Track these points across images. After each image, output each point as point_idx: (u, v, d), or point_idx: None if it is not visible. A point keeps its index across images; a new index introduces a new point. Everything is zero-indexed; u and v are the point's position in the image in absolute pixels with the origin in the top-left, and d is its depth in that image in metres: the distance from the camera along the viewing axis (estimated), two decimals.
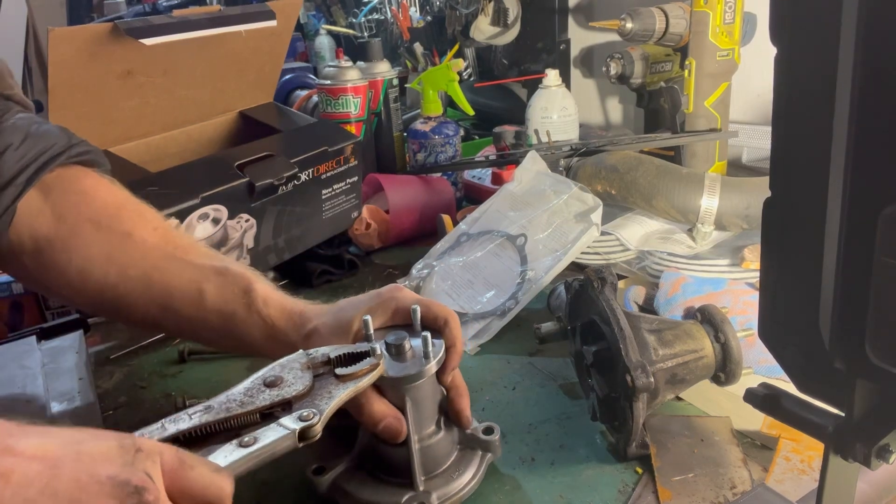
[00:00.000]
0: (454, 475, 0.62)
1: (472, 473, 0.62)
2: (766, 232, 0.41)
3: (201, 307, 0.65)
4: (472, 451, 0.64)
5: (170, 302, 0.66)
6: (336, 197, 1.09)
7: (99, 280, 0.66)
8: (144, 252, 0.66)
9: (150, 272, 0.66)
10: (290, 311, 0.65)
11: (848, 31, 0.32)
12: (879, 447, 0.38)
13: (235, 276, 0.66)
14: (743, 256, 0.88)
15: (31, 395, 0.68)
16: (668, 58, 1.31)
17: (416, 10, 1.91)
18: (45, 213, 0.65)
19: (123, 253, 0.66)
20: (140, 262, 0.66)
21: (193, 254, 0.68)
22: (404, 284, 0.99)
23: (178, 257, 0.67)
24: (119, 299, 0.66)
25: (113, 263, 0.66)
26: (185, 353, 0.88)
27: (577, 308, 0.72)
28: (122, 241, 0.66)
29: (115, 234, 0.66)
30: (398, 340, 0.59)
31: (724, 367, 0.66)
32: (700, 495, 0.60)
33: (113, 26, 0.89)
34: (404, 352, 0.59)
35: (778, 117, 0.38)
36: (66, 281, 0.66)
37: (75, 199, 0.67)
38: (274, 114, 1.20)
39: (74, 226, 0.66)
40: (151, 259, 0.66)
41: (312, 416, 0.48)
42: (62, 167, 0.67)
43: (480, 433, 0.64)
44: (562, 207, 0.96)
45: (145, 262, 0.66)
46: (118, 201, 0.69)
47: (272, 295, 0.66)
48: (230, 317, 0.65)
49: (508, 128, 1.36)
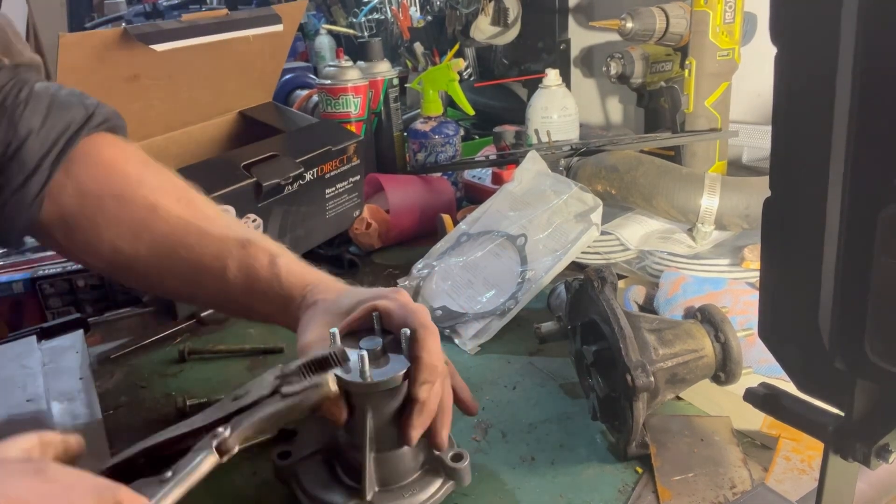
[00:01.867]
0: (407, 494, 0.59)
1: (427, 496, 0.59)
2: (766, 232, 0.41)
3: (225, 282, 0.66)
4: (437, 474, 0.61)
5: (197, 277, 0.67)
6: (339, 196, 1.10)
7: (129, 255, 0.67)
8: (171, 226, 0.67)
9: (176, 248, 0.66)
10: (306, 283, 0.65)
11: (848, 31, 0.32)
12: (879, 447, 0.39)
13: (259, 248, 0.66)
14: (743, 256, 0.88)
15: (32, 395, 0.68)
16: (668, 57, 1.31)
17: (416, 10, 1.91)
18: (68, 190, 0.66)
19: (150, 227, 0.67)
20: (167, 238, 0.67)
21: (217, 224, 0.68)
22: (404, 284, 0.99)
23: (204, 230, 0.67)
24: (149, 273, 0.68)
25: (140, 239, 0.67)
26: (186, 353, 0.87)
27: (577, 308, 0.72)
28: (148, 215, 0.67)
29: (140, 207, 0.67)
30: (371, 346, 0.57)
31: (724, 366, 0.66)
32: (700, 495, 0.60)
33: (123, 32, 0.90)
34: (376, 359, 0.57)
35: (778, 117, 0.38)
36: (98, 256, 0.68)
37: (95, 172, 0.67)
38: (274, 113, 1.21)
39: (98, 201, 0.66)
40: (178, 233, 0.67)
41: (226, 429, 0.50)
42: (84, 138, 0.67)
43: (448, 458, 0.61)
44: (562, 207, 0.96)
45: (173, 236, 0.67)
46: (139, 172, 0.69)
47: (295, 266, 0.66)
48: (252, 289, 0.66)
49: (508, 128, 1.36)
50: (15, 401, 0.67)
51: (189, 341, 0.91)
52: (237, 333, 0.93)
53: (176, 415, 0.76)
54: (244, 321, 0.97)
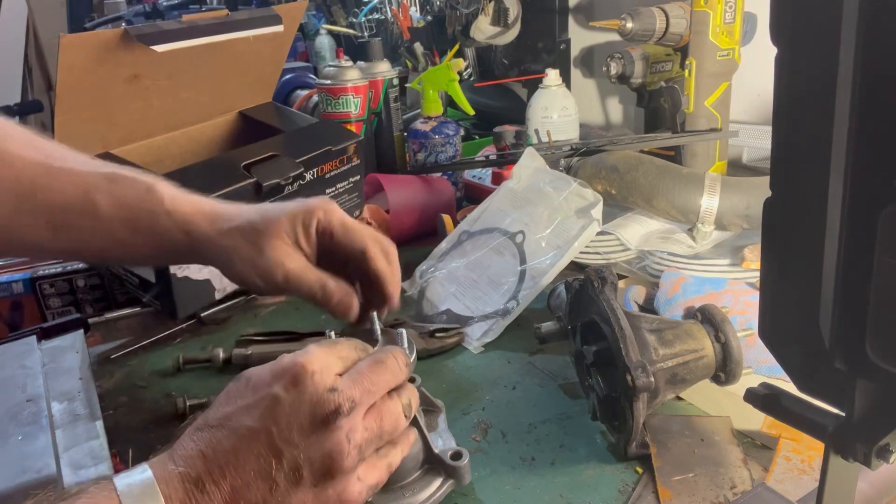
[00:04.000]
0: (407, 493, 0.59)
1: (426, 496, 0.59)
2: (766, 232, 0.41)
3: (98, 218, 0.60)
4: (437, 474, 0.61)
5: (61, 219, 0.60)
6: (339, 196, 1.10)
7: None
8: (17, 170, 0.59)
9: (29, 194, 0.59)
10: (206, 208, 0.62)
11: (848, 31, 0.32)
12: (880, 447, 0.39)
13: (130, 179, 0.61)
14: (743, 256, 0.88)
15: (32, 395, 0.68)
16: (668, 57, 1.31)
17: (416, 10, 1.91)
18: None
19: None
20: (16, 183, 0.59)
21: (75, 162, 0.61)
22: (406, 286, 0.99)
23: (58, 167, 0.60)
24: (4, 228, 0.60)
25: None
26: (182, 363, 0.86)
27: (577, 308, 0.72)
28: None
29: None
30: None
31: (724, 366, 0.66)
32: (700, 495, 0.60)
33: (123, 32, 0.90)
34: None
35: (778, 117, 0.38)
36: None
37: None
38: (273, 114, 1.21)
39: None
40: (27, 176, 0.59)
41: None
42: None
43: (447, 457, 0.61)
44: (562, 204, 0.96)
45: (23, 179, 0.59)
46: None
47: (178, 193, 0.62)
48: (135, 223, 0.60)
49: (509, 128, 1.36)
50: (15, 401, 0.66)
51: (184, 350, 0.90)
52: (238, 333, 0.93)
53: (176, 415, 0.76)
54: (244, 321, 0.97)
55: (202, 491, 0.43)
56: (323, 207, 0.61)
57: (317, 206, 0.61)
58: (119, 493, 0.42)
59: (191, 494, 0.42)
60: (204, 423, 0.46)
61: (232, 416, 0.46)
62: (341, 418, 0.46)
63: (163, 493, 0.42)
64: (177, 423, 0.75)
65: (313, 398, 0.45)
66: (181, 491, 0.42)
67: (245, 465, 0.44)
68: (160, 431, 0.75)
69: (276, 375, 0.47)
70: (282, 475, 0.44)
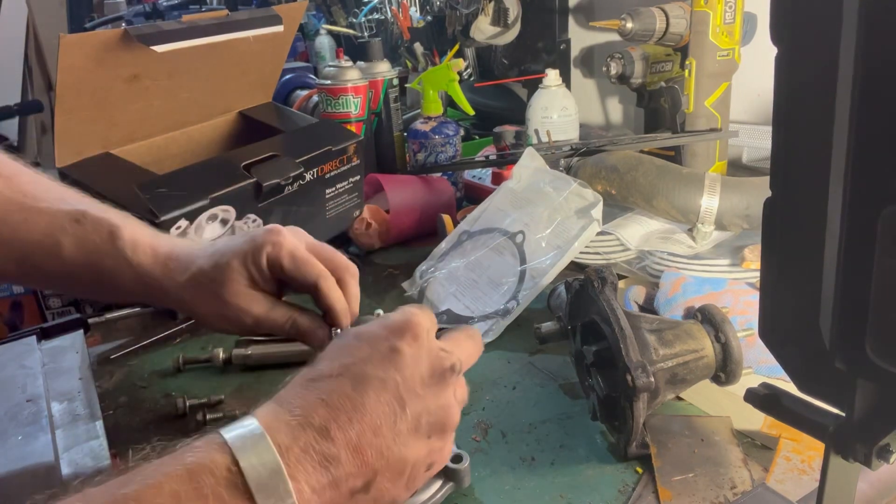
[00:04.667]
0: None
1: (426, 497, 0.59)
2: (766, 232, 0.41)
3: (62, 261, 0.61)
4: (436, 476, 0.59)
5: (27, 257, 0.61)
6: (339, 196, 1.10)
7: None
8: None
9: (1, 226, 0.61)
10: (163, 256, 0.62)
11: (848, 31, 0.32)
12: (880, 447, 0.39)
13: (95, 221, 0.62)
14: (743, 256, 0.88)
15: (32, 395, 0.68)
16: (668, 58, 1.31)
17: (416, 10, 1.91)
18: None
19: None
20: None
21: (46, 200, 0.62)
22: (406, 286, 0.99)
23: (29, 206, 0.61)
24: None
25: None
26: (181, 363, 0.86)
27: (577, 308, 0.72)
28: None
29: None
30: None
31: (724, 366, 0.66)
32: (700, 495, 0.60)
33: (123, 32, 0.90)
34: None
35: (778, 117, 0.38)
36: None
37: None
38: (273, 114, 1.21)
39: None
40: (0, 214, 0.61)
41: None
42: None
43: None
44: (562, 204, 0.96)
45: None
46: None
47: (141, 239, 0.62)
48: (98, 272, 0.61)
49: (508, 128, 1.36)
50: (15, 401, 0.66)
51: (184, 350, 0.90)
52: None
53: (176, 415, 0.76)
54: None
55: (326, 437, 0.43)
56: (271, 241, 0.60)
57: (264, 241, 0.60)
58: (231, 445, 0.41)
59: (314, 441, 0.42)
60: (318, 375, 0.46)
61: (352, 367, 0.46)
62: (453, 376, 0.49)
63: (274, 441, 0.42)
64: (177, 423, 0.75)
65: (431, 353, 0.48)
66: (301, 438, 0.42)
67: (373, 413, 0.44)
68: (160, 431, 0.75)
69: (392, 330, 0.48)
70: (405, 424, 0.46)
